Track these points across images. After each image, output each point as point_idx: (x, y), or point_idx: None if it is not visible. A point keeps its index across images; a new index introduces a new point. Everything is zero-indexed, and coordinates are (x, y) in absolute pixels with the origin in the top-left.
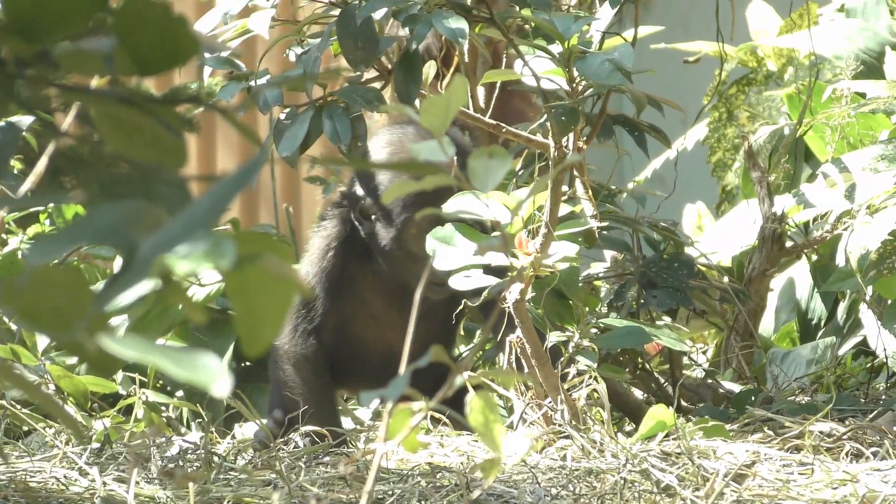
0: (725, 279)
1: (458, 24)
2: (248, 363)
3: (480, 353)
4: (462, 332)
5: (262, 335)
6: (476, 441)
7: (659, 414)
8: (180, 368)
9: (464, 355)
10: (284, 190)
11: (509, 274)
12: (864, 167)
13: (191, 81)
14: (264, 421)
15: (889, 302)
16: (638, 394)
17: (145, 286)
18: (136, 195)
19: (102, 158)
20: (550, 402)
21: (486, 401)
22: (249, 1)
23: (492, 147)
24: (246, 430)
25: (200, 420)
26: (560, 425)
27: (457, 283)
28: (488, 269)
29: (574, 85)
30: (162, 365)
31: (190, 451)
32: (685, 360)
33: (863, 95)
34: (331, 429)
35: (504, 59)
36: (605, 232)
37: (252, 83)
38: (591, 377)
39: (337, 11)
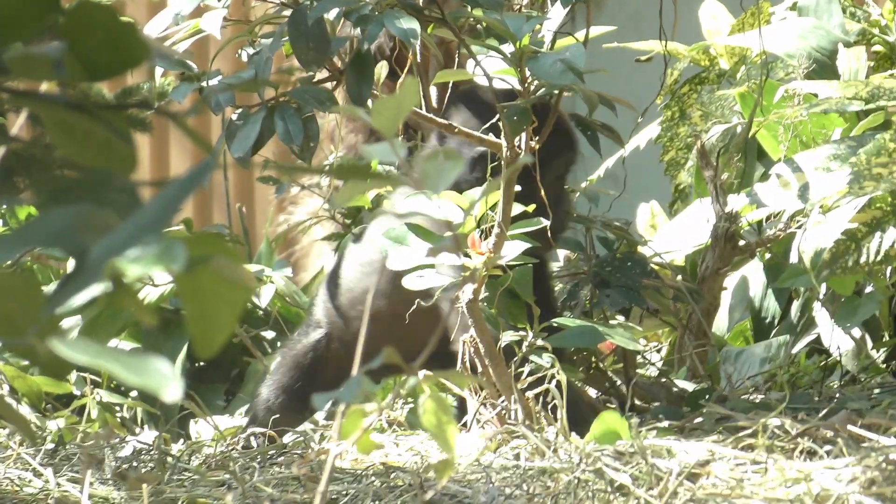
0: (679, 278)
1: (410, 24)
2: (201, 363)
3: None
4: None
5: (214, 337)
6: (430, 440)
7: (610, 420)
8: (131, 373)
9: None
10: (237, 190)
11: (462, 274)
12: (817, 167)
13: (143, 81)
14: (215, 417)
15: (843, 300)
16: (592, 393)
17: (96, 289)
18: (86, 200)
19: (54, 161)
20: (504, 402)
21: (440, 402)
22: (201, 1)
23: (444, 148)
24: (200, 430)
25: (154, 420)
26: (514, 425)
27: (409, 283)
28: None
29: (526, 85)
30: (113, 369)
31: (144, 452)
32: (639, 359)
33: (816, 95)
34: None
35: (456, 59)
36: None
37: (204, 84)
38: (550, 375)
39: (288, 12)
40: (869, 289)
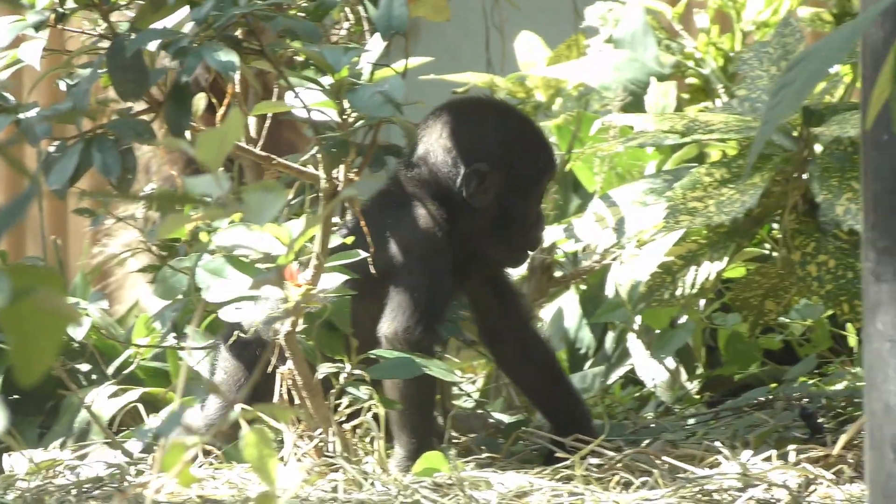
0: None
1: (228, 56)
2: (16, 395)
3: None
4: None
5: (36, 367)
6: (249, 473)
7: (431, 459)
8: None
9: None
10: (51, 222)
11: (281, 306)
12: (633, 201)
13: None
14: (30, 451)
15: (657, 332)
16: None
17: None
18: None
19: None
20: (322, 434)
21: (261, 435)
22: (19, 31)
23: (267, 181)
24: (14, 463)
25: None
26: (331, 457)
27: (227, 315)
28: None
29: (345, 117)
30: None
31: None
32: (455, 390)
33: (632, 127)
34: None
35: (275, 91)
36: None
37: (21, 115)
38: (367, 406)
39: (106, 43)
40: (683, 320)
